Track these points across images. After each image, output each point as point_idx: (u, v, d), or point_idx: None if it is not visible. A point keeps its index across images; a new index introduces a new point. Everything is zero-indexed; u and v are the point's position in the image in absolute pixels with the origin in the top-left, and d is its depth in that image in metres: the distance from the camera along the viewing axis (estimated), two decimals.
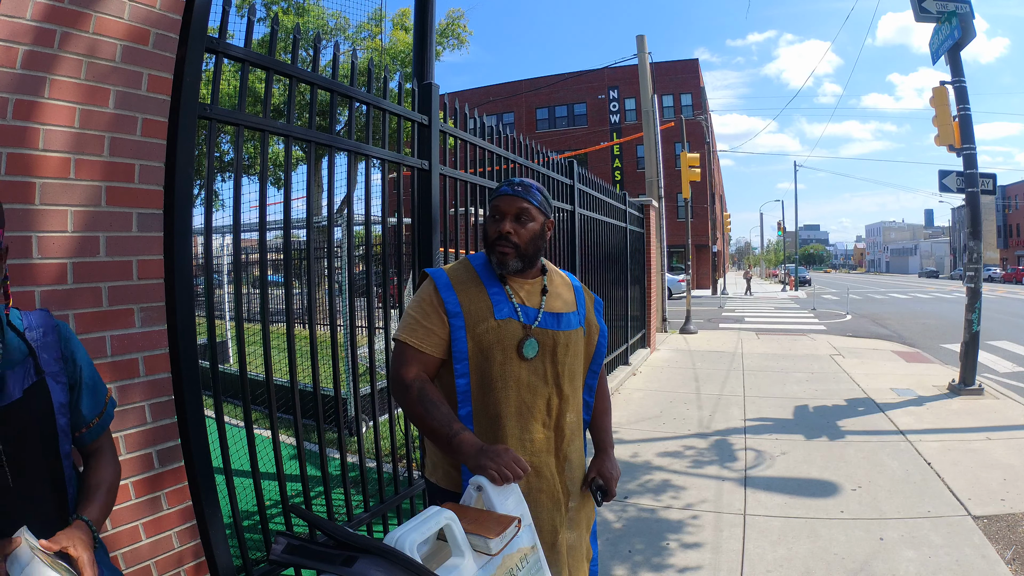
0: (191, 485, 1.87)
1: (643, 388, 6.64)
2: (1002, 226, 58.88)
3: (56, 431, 1.11)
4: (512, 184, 1.59)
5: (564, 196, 5.17)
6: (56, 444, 1.12)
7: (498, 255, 1.57)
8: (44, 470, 1.10)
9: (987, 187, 6.53)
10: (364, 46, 14.29)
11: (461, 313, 1.53)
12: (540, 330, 1.57)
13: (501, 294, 1.57)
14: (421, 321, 1.54)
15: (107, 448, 1.25)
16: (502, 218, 1.57)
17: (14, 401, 1.04)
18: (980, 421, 5.02)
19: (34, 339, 1.13)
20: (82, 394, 1.19)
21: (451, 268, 1.63)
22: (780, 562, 2.73)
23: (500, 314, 1.54)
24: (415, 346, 1.53)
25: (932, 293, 27.93)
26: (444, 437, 1.43)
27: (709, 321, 14.94)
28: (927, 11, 6.41)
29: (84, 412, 1.20)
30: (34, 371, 1.09)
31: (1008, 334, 11.42)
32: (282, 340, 2.56)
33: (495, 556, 1.19)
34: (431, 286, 1.58)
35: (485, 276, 1.59)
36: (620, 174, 32.54)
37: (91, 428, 1.21)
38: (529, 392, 1.56)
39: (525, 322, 1.56)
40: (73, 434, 1.19)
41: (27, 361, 1.10)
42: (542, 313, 1.59)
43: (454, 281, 1.57)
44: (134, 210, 1.74)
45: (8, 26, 1.46)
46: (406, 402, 1.50)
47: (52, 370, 1.13)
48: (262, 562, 2.23)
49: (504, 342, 1.53)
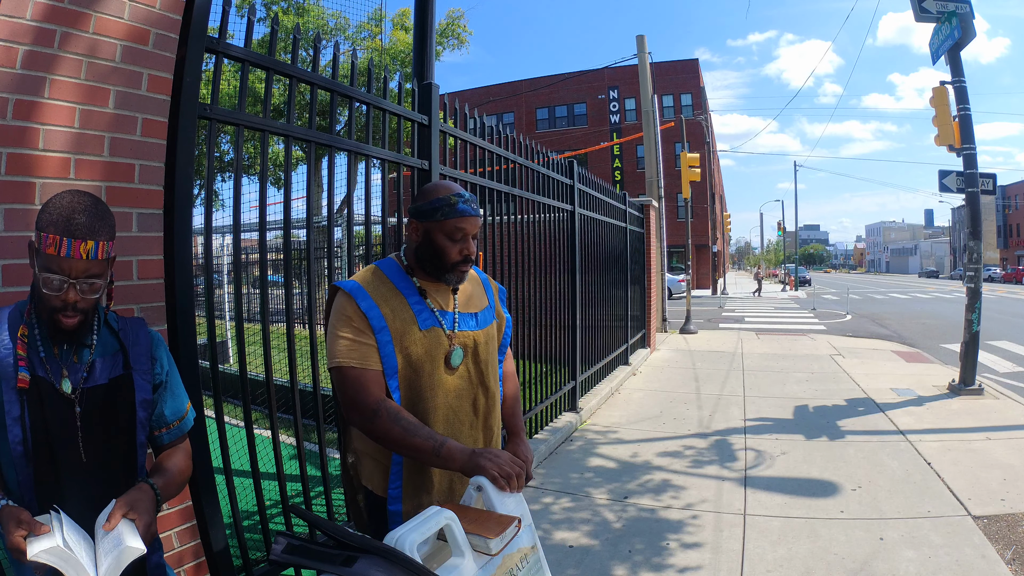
0: (191, 485, 1.87)
1: (643, 388, 6.64)
2: (1002, 226, 58.88)
3: (135, 422, 1.23)
4: (471, 203, 1.53)
5: (564, 196, 5.17)
6: (133, 433, 1.23)
7: (458, 274, 1.54)
8: (119, 454, 1.21)
9: (987, 187, 6.53)
10: (364, 46, 14.30)
11: (387, 327, 1.47)
12: (461, 334, 1.56)
13: (421, 303, 1.53)
14: (358, 340, 1.45)
15: (182, 449, 1.36)
16: (464, 238, 1.52)
17: (99, 385, 1.19)
18: (980, 421, 5.02)
19: (127, 338, 1.26)
20: (165, 395, 1.31)
21: (364, 280, 1.53)
22: (780, 562, 2.73)
23: (424, 324, 1.51)
24: (366, 367, 1.45)
25: (932, 293, 27.93)
26: (430, 451, 1.38)
27: (709, 321, 14.94)
28: (927, 11, 6.41)
29: (167, 413, 1.31)
30: (123, 365, 1.23)
31: (1008, 334, 11.43)
32: (282, 340, 2.56)
33: (495, 556, 1.19)
34: (351, 302, 1.47)
35: (401, 285, 1.54)
36: (620, 174, 32.54)
37: (170, 430, 1.32)
38: (456, 397, 1.55)
39: (448, 328, 1.54)
40: (152, 433, 1.30)
41: (117, 355, 1.24)
42: (459, 315, 1.57)
43: (372, 294, 1.49)
44: (134, 210, 1.74)
45: (8, 26, 1.46)
46: (376, 427, 1.41)
47: (140, 368, 1.26)
48: (262, 562, 2.23)
49: (432, 352, 1.51)
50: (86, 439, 1.16)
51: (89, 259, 1.10)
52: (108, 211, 1.16)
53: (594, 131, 33.03)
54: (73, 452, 1.14)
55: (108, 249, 1.14)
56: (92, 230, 1.10)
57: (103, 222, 1.13)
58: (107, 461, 1.19)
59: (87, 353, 1.20)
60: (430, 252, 1.52)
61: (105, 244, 1.12)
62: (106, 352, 1.23)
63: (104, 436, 1.18)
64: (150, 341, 1.30)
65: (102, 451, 1.18)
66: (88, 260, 1.10)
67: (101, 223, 1.12)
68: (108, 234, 1.13)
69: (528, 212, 4.53)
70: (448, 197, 1.51)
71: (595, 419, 5.36)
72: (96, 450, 1.17)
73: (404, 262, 1.59)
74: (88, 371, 1.19)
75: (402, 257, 1.60)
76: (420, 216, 1.53)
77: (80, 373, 1.18)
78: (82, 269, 1.10)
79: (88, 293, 1.12)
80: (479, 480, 1.32)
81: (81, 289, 1.11)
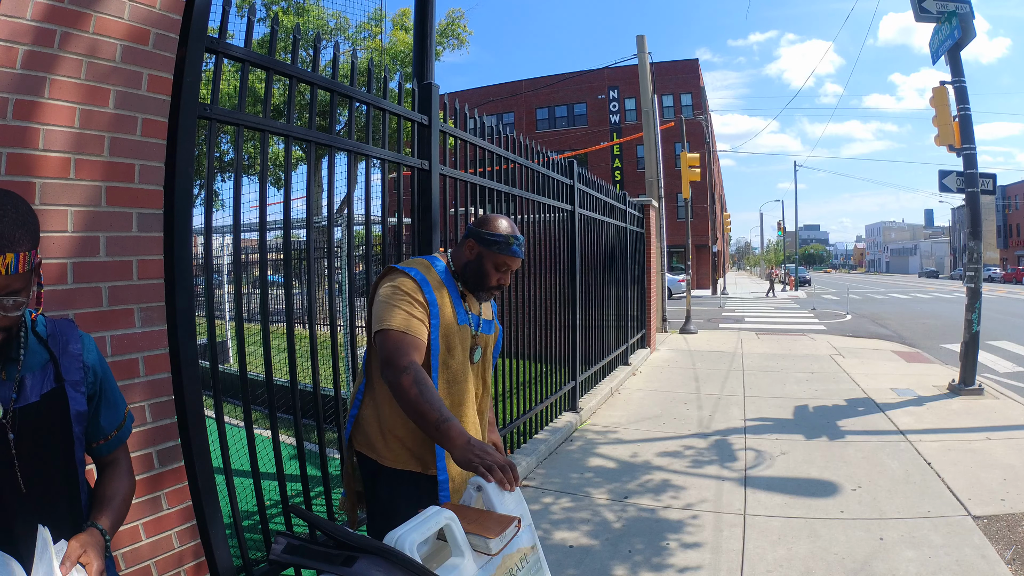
0: (191, 485, 1.87)
1: (643, 388, 6.64)
2: (1002, 226, 58.87)
3: (72, 438, 1.12)
4: (521, 246, 1.83)
5: (564, 196, 5.17)
6: (72, 450, 1.12)
7: (489, 294, 1.84)
8: (58, 475, 1.10)
9: (987, 187, 6.53)
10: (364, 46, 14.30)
11: (439, 315, 1.71)
12: (483, 336, 1.86)
13: (461, 304, 1.81)
14: (412, 315, 1.64)
15: (123, 461, 1.26)
16: (506, 271, 1.81)
17: (31, 404, 1.06)
18: (980, 421, 5.02)
19: (57, 347, 1.14)
20: (101, 406, 1.20)
21: (425, 270, 1.76)
22: (780, 562, 2.73)
23: (462, 321, 1.78)
24: (410, 333, 1.62)
25: (932, 293, 27.93)
26: (433, 421, 1.48)
27: (709, 321, 14.94)
28: (927, 11, 6.41)
29: (103, 424, 1.21)
30: (53, 378, 1.11)
31: (1008, 334, 11.43)
32: (282, 340, 2.56)
33: (495, 556, 1.19)
34: (417, 287, 1.70)
35: (449, 285, 1.80)
36: (620, 174, 32.54)
37: (108, 441, 1.22)
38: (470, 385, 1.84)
39: (474, 330, 1.83)
40: (91, 445, 1.20)
41: (48, 367, 1.11)
42: (483, 321, 1.87)
43: (431, 282, 1.74)
44: (134, 210, 1.74)
45: (8, 26, 1.46)
46: (401, 382, 1.54)
47: (72, 379, 1.14)
48: (262, 562, 2.23)
49: (464, 345, 1.79)
50: (24, 467, 1.03)
51: (9, 274, 0.94)
52: (30, 212, 1.01)
53: (594, 131, 33.02)
54: (11, 482, 1.02)
55: (31, 259, 0.99)
56: (11, 240, 0.94)
57: (24, 229, 0.97)
58: (48, 486, 1.08)
59: (15, 369, 1.06)
60: (476, 271, 1.80)
61: (27, 255, 0.97)
62: (35, 365, 1.09)
63: (41, 459, 1.07)
64: (81, 347, 1.17)
65: (41, 476, 1.07)
66: (8, 276, 0.94)
67: (22, 230, 0.97)
68: (30, 242, 0.98)
69: (528, 212, 4.54)
70: (508, 237, 1.79)
71: (595, 419, 5.36)
72: (35, 476, 1.05)
73: (452, 267, 1.84)
74: (17, 390, 1.05)
75: (451, 262, 1.85)
76: (480, 241, 1.79)
77: (9, 393, 1.04)
78: (1, 286, 0.95)
79: (10, 311, 0.98)
80: (479, 480, 1.32)
81: (2, 306, 0.97)
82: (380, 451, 1.75)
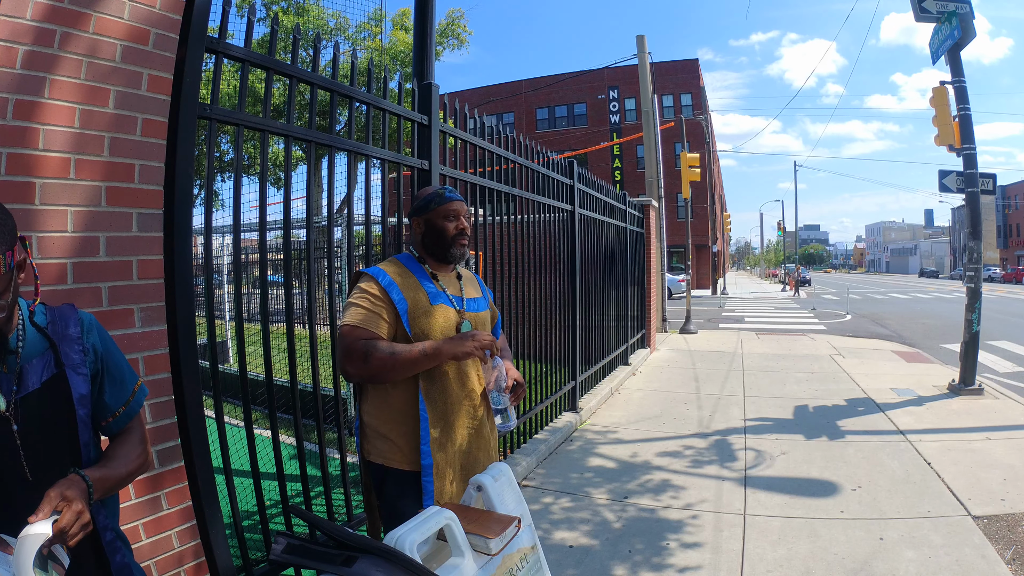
0: (191, 485, 1.88)
1: (643, 388, 6.64)
2: (1002, 226, 58.87)
3: (76, 421, 1.12)
4: (454, 191, 1.91)
5: (564, 196, 5.17)
6: (76, 434, 1.13)
7: (460, 247, 1.88)
8: (64, 460, 1.11)
9: (987, 187, 6.53)
10: (364, 46, 14.30)
11: (405, 299, 1.77)
12: (469, 313, 1.91)
13: (432, 284, 1.85)
14: (370, 311, 1.73)
15: (136, 431, 1.25)
16: (457, 217, 1.87)
17: (32, 392, 1.07)
18: (980, 421, 5.02)
19: (56, 333, 1.14)
20: (105, 383, 1.20)
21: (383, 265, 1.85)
22: (780, 562, 2.73)
23: (434, 300, 1.82)
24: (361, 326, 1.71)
25: (932, 293, 27.92)
26: (415, 358, 1.64)
27: (709, 321, 14.94)
28: (927, 11, 6.40)
29: (108, 401, 1.20)
30: (54, 363, 1.11)
31: (1008, 334, 11.42)
32: (282, 340, 2.56)
33: (495, 556, 1.19)
34: (373, 282, 1.77)
35: (415, 270, 1.86)
36: (620, 174, 32.54)
37: (117, 418, 1.22)
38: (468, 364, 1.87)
39: (457, 307, 1.87)
40: (100, 423, 1.21)
41: (47, 354, 1.11)
42: (465, 300, 1.92)
43: (392, 275, 1.80)
44: (134, 210, 1.74)
45: (8, 26, 1.46)
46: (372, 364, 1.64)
47: (73, 362, 1.13)
48: (262, 562, 2.23)
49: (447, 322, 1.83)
50: (28, 455, 1.05)
51: None
52: (4, 212, 1.00)
53: (594, 131, 33.01)
54: (17, 472, 1.04)
55: (9, 260, 0.98)
56: None
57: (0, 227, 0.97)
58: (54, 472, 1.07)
59: (14, 361, 1.07)
60: (433, 236, 1.86)
61: (2, 257, 0.96)
62: (34, 353, 1.10)
63: (46, 447, 1.08)
64: (80, 329, 1.17)
65: (47, 464, 1.08)
66: None
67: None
68: (8, 242, 0.98)
69: (528, 212, 4.53)
70: (436, 190, 1.89)
71: (595, 419, 5.36)
72: (41, 464, 1.07)
73: (415, 254, 1.90)
74: (18, 380, 1.06)
75: (412, 251, 1.92)
76: (419, 212, 1.88)
77: (11, 385, 1.05)
78: None
79: None
80: (479, 480, 1.33)
81: None
82: (385, 454, 1.78)
